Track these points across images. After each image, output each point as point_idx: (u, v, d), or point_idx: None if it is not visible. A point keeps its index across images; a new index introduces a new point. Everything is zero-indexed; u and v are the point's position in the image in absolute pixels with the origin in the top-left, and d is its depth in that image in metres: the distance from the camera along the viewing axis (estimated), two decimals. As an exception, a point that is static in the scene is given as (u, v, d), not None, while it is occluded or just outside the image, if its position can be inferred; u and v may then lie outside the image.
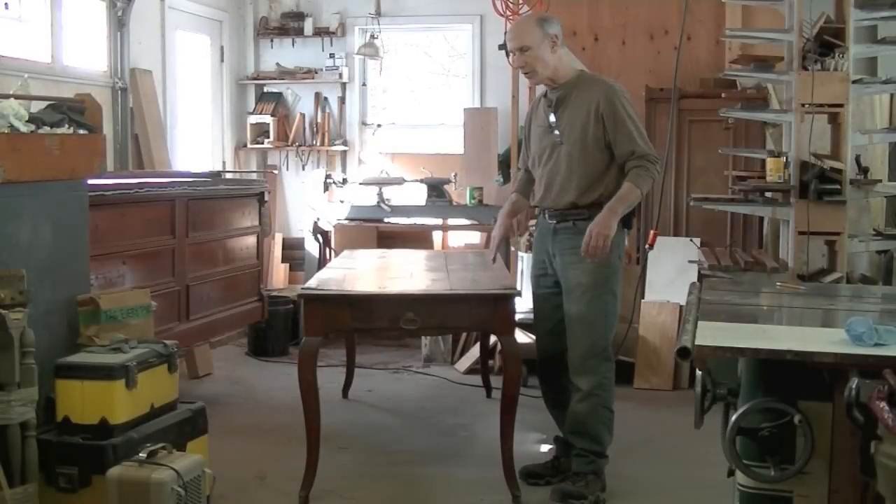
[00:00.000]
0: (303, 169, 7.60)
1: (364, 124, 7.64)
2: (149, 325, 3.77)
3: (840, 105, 4.68)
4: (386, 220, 6.56)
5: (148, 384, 3.33)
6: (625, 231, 3.82)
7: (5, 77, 4.71)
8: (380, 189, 6.56)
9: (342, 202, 6.73)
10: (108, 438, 3.15)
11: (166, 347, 3.49)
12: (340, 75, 7.47)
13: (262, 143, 7.53)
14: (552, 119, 3.80)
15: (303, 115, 7.55)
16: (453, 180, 6.65)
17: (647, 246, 4.81)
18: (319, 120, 7.53)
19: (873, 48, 5.15)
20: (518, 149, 5.10)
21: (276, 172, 7.58)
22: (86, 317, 3.54)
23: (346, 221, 6.58)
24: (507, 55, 6.17)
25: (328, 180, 6.73)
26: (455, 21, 7.44)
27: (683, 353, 2.06)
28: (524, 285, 5.10)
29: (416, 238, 6.78)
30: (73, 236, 3.60)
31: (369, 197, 6.61)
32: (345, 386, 5.29)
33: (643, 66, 6.61)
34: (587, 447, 3.76)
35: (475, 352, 5.72)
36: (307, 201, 7.08)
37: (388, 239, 6.60)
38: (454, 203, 6.66)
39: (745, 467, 2.18)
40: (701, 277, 4.59)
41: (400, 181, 6.70)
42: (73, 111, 3.64)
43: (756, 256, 5.08)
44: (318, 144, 7.52)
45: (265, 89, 7.67)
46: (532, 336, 4.37)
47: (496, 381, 4.85)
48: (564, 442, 3.92)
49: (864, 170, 5.02)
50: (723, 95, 5.91)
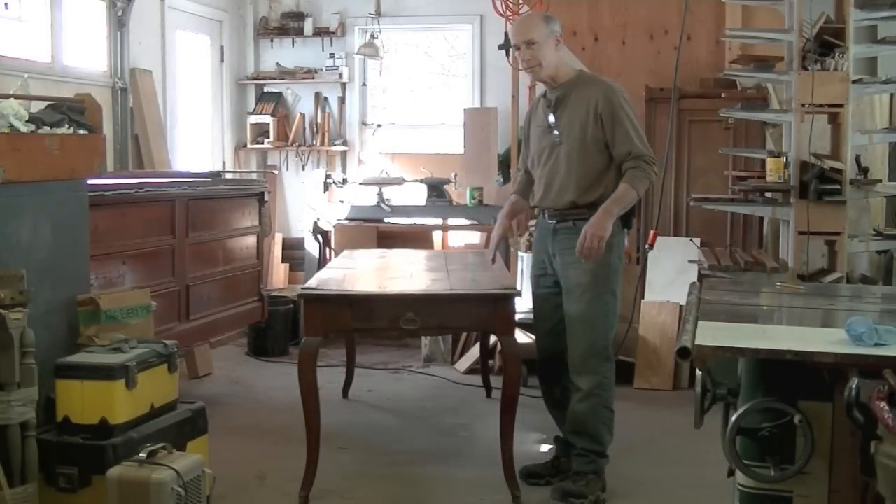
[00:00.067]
0: (303, 169, 7.60)
1: (364, 124, 7.64)
2: (149, 325, 3.77)
3: (840, 105, 4.68)
4: (386, 220, 6.56)
5: (148, 384, 3.33)
6: (625, 231, 3.83)
7: (5, 77, 4.71)
8: (380, 189, 6.55)
9: (342, 202, 6.73)
10: (108, 438, 3.15)
11: (166, 347, 3.49)
12: (340, 75, 7.47)
13: (262, 143, 7.53)
14: (551, 119, 3.80)
15: (303, 115, 7.55)
16: (453, 180, 6.65)
17: (647, 246, 4.82)
18: (319, 120, 7.53)
19: (873, 48, 5.15)
20: (518, 149, 5.10)
21: (276, 172, 7.58)
22: (86, 317, 3.54)
23: (346, 221, 6.58)
24: (507, 55, 6.20)
25: (328, 180, 6.73)
26: (455, 21, 7.44)
27: (683, 353, 2.06)
28: (524, 285, 5.10)
29: (416, 238, 6.78)
30: (73, 236, 3.60)
31: (369, 197, 6.61)
32: (345, 386, 5.29)
33: (643, 66, 6.61)
34: (587, 447, 3.76)
35: (475, 352, 5.71)
36: (307, 201, 7.08)
37: (388, 239, 6.61)
38: (454, 203, 6.66)
39: (745, 467, 2.18)
40: (701, 277, 4.59)
41: (400, 181, 6.70)
42: (73, 111, 3.64)
43: (756, 256, 5.08)
44: (318, 144, 7.52)
45: (265, 89, 7.67)
46: (532, 336, 4.37)
47: (496, 381, 4.85)
48: (564, 442, 3.92)
49: (864, 170, 5.02)
50: (723, 95, 5.91)
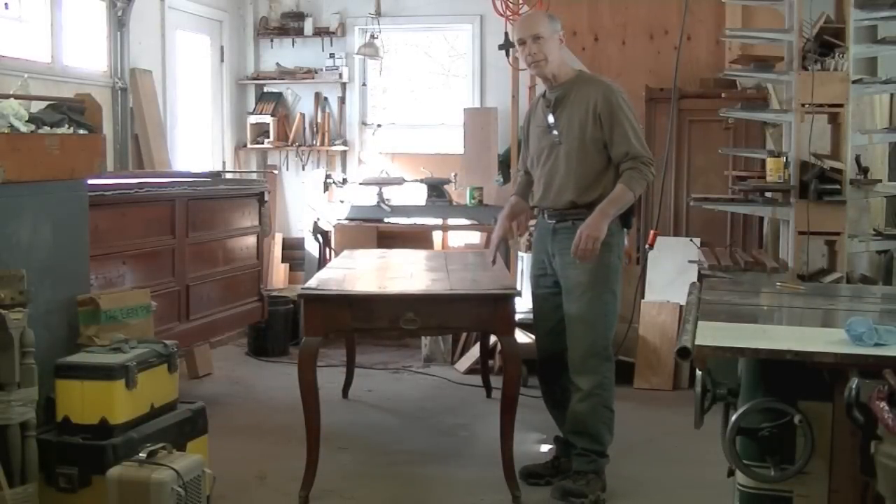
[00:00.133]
0: (303, 169, 7.60)
1: (364, 124, 7.64)
2: (149, 325, 3.77)
3: (840, 105, 4.68)
4: (386, 220, 6.56)
5: (148, 384, 3.33)
6: (624, 231, 3.83)
7: (5, 77, 4.71)
8: (380, 189, 6.55)
9: (342, 202, 6.73)
10: (108, 438, 3.15)
11: (166, 347, 3.49)
12: (340, 75, 7.47)
13: (262, 143, 7.53)
14: (551, 119, 3.81)
15: (303, 115, 7.55)
16: (453, 180, 6.65)
17: (647, 246, 4.82)
18: (319, 120, 7.53)
19: (873, 48, 5.14)
20: (518, 149, 5.09)
21: (276, 172, 7.58)
22: (86, 317, 3.54)
23: (346, 221, 6.58)
24: (507, 55, 6.21)
25: (328, 180, 6.73)
26: (455, 21, 7.44)
27: (683, 353, 2.06)
28: (524, 285, 5.10)
29: (416, 238, 6.78)
30: (73, 236, 3.60)
31: (369, 197, 6.61)
32: (345, 386, 5.29)
33: (643, 66, 6.60)
34: (588, 447, 3.76)
35: (475, 352, 5.71)
36: (307, 201, 7.08)
37: (388, 239, 6.60)
38: (454, 203, 6.66)
39: (745, 467, 2.18)
40: (701, 277, 4.59)
41: (400, 181, 6.70)
42: (73, 111, 3.64)
43: (756, 256, 5.08)
44: (318, 144, 7.52)
45: (265, 89, 7.67)
46: (532, 336, 4.37)
47: (496, 381, 4.85)
48: (564, 442, 3.92)
49: (864, 170, 5.02)
50: (723, 95, 5.91)
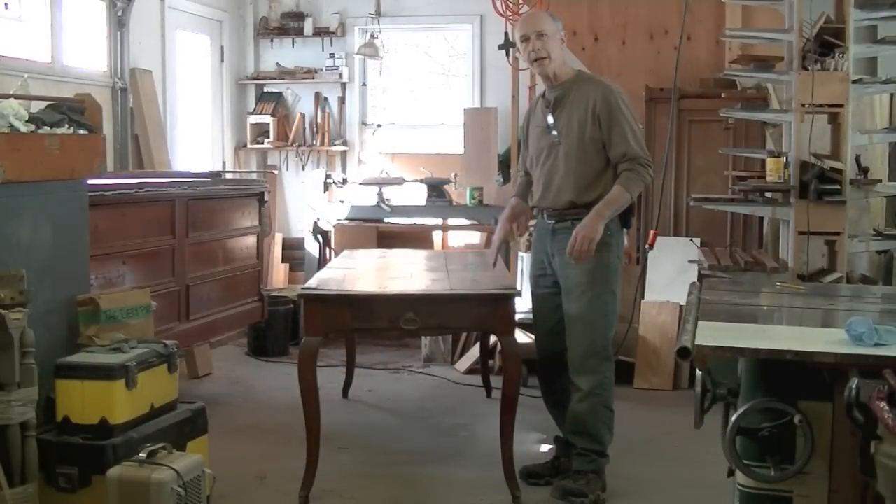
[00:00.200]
0: (303, 169, 7.60)
1: (364, 124, 7.64)
2: (149, 325, 3.77)
3: (840, 105, 4.68)
4: (386, 220, 6.56)
5: (148, 384, 3.33)
6: (624, 231, 3.83)
7: (5, 77, 4.71)
8: (380, 189, 6.55)
9: (342, 202, 6.73)
10: (108, 438, 3.15)
11: (166, 347, 3.49)
12: (340, 75, 7.46)
13: (262, 143, 7.53)
14: (550, 120, 3.81)
15: (303, 115, 7.55)
16: (453, 180, 6.65)
17: (647, 246, 4.82)
18: (319, 120, 7.53)
19: (873, 48, 5.14)
20: (518, 149, 5.09)
21: (276, 172, 7.58)
22: (86, 317, 3.54)
23: (346, 221, 6.58)
24: (507, 55, 6.21)
25: (328, 180, 6.73)
26: (455, 21, 7.44)
27: (683, 353, 2.06)
28: (524, 285, 5.10)
29: (416, 238, 6.78)
30: (73, 236, 3.60)
31: (369, 197, 6.61)
32: (345, 386, 5.29)
33: (643, 66, 6.60)
34: (588, 447, 3.76)
35: (475, 352, 5.71)
36: (307, 201, 7.08)
37: (388, 239, 6.60)
38: (454, 203, 6.66)
39: (745, 467, 2.18)
40: (701, 277, 4.59)
41: (400, 181, 6.70)
42: (73, 111, 3.64)
43: (756, 256, 5.08)
44: (318, 144, 7.52)
45: (265, 89, 7.67)
46: (532, 336, 4.37)
47: (496, 381, 4.85)
48: (564, 442, 3.92)
49: (864, 170, 5.02)
50: (723, 95, 5.90)
